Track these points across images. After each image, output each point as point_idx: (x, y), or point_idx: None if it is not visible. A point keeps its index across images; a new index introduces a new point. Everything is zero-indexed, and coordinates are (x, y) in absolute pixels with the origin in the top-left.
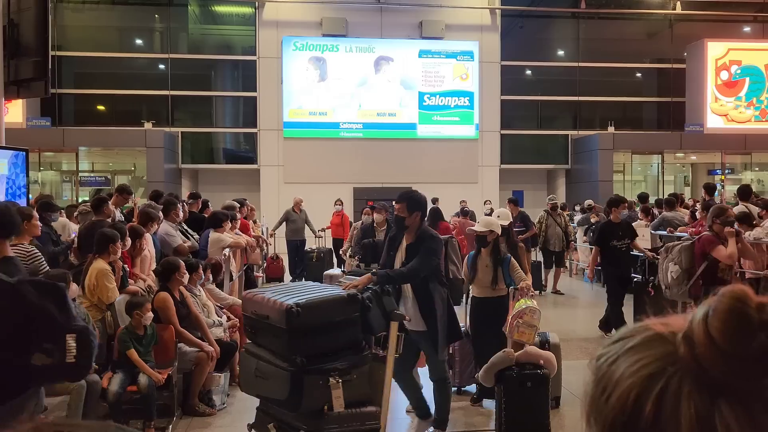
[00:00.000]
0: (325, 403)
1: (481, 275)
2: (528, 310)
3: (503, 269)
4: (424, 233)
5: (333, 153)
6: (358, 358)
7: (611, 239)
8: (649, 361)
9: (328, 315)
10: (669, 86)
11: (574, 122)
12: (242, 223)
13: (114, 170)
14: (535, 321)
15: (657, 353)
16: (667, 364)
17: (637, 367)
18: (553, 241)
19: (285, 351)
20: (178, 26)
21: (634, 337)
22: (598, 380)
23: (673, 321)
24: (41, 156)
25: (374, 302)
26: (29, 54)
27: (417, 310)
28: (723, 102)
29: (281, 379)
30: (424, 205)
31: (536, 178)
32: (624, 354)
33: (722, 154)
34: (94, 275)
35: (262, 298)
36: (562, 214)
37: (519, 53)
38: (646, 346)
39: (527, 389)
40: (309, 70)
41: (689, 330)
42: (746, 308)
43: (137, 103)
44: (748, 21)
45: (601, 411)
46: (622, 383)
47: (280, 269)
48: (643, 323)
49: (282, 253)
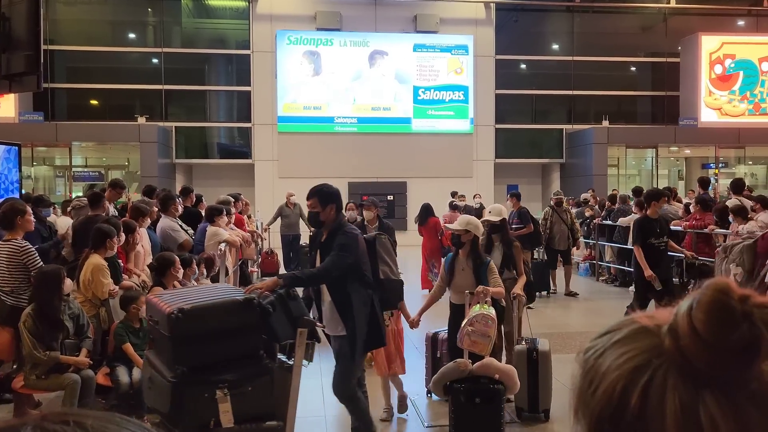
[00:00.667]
0: (211, 419)
1: (458, 279)
2: (480, 317)
3: (482, 274)
4: (336, 229)
5: (327, 147)
6: (255, 368)
7: (649, 236)
8: (635, 353)
9: (218, 321)
10: (663, 80)
11: (568, 116)
12: (237, 217)
13: (107, 165)
14: (489, 330)
15: (643, 346)
16: (653, 357)
17: (623, 360)
18: (558, 238)
19: (168, 360)
20: (171, 20)
21: (620, 330)
22: (585, 373)
23: (658, 314)
24: (34, 151)
25: (278, 307)
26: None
27: (335, 312)
28: (717, 96)
29: (163, 391)
30: (337, 197)
31: (531, 173)
32: (610, 347)
33: (716, 147)
34: (89, 270)
35: (157, 301)
36: (567, 210)
37: (513, 47)
38: (632, 338)
39: (477, 405)
40: (303, 64)
41: (674, 323)
42: (729, 300)
43: (130, 98)
44: (742, 15)
45: (588, 404)
46: (608, 376)
47: (275, 264)
48: (630, 317)
49: (277, 248)
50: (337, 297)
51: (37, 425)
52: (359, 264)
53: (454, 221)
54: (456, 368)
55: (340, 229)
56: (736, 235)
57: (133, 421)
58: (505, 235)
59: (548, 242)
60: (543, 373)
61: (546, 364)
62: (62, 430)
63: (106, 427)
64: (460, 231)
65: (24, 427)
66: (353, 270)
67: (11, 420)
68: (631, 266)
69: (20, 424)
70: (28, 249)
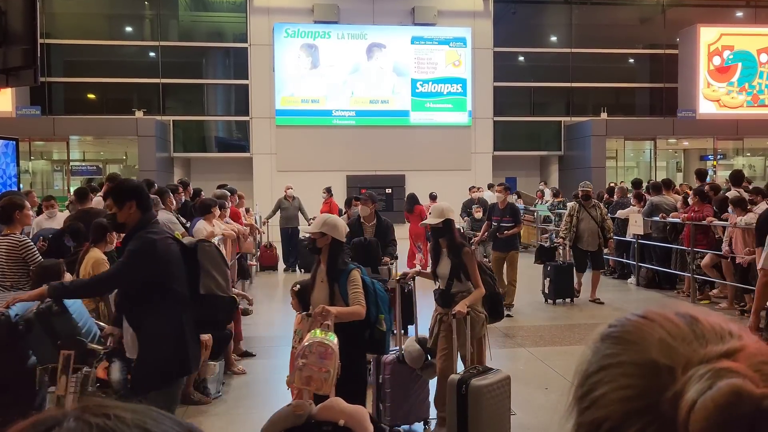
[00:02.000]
0: None
1: (317, 293)
2: (316, 345)
3: (341, 286)
4: (134, 231)
5: (326, 141)
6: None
7: None
8: (633, 394)
9: None
10: (661, 72)
11: (566, 108)
12: (233, 211)
13: (105, 159)
14: (328, 363)
15: (643, 389)
16: (649, 408)
17: (620, 396)
18: (586, 237)
19: None
20: (168, 13)
21: (632, 348)
22: (584, 378)
23: (675, 327)
24: (31, 145)
25: (36, 324)
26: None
27: (130, 331)
28: (715, 87)
29: None
30: (138, 192)
31: (529, 165)
32: (616, 366)
33: (714, 139)
34: (89, 264)
35: None
36: (598, 205)
37: (512, 39)
38: (637, 370)
39: None
40: (301, 57)
41: (677, 395)
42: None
43: (128, 92)
44: (741, 6)
45: (578, 414)
46: (600, 404)
47: (274, 258)
48: (646, 322)
49: (276, 241)
50: (132, 314)
51: (79, 417)
52: (163, 275)
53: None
54: (290, 413)
55: (138, 231)
56: (735, 227)
57: (168, 416)
58: (452, 239)
59: (575, 242)
60: (473, 414)
61: (477, 403)
62: (104, 423)
63: (144, 422)
64: (316, 234)
65: (66, 419)
66: (154, 282)
67: (52, 410)
68: (629, 258)
69: (62, 415)
70: (27, 243)
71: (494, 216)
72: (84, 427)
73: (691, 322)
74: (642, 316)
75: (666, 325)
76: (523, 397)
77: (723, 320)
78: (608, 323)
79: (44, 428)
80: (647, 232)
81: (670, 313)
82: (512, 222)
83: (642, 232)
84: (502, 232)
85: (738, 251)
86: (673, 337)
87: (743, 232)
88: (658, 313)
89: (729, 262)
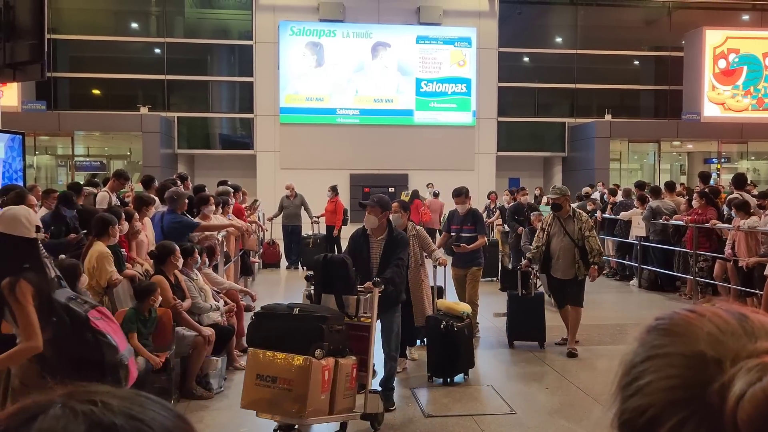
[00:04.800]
0: None
1: None
2: None
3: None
4: None
5: (329, 139)
6: None
7: None
8: (679, 384)
9: None
10: (666, 74)
11: (571, 110)
12: (236, 207)
13: (110, 155)
14: None
15: (689, 379)
16: (694, 398)
17: (665, 386)
18: (557, 260)
19: None
20: (174, 10)
21: (681, 338)
22: (630, 367)
23: (725, 322)
24: (36, 140)
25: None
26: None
27: None
28: (720, 90)
29: None
30: None
31: (533, 166)
32: (663, 356)
33: (719, 142)
34: (94, 258)
35: None
36: (579, 216)
37: (517, 40)
38: (684, 361)
39: None
40: (306, 55)
41: (724, 386)
42: None
43: (133, 88)
44: (747, 9)
45: (622, 401)
46: (645, 392)
47: (277, 255)
48: (695, 316)
49: (279, 238)
50: None
51: (66, 404)
52: None
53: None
54: None
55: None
56: (738, 230)
57: (157, 401)
58: None
59: (545, 266)
60: None
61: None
62: (90, 410)
63: (131, 408)
64: None
65: (53, 405)
66: None
67: (37, 396)
68: (631, 260)
69: (48, 401)
70: None
71: (453, 225)
72: (70, 415)
73: (741, 319)
74: (691, 311)
75: (715, 320)
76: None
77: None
78: (655, 316)
79: (29, 416)
80: (646, 236)
81: (720, 309)
82: (473, 231)
83: (645, 233)
84: (459, 244)
85: (741, 254)
86: (722, 331)
87: (746, 235)
88: (708, 308)
89: (732, 265)
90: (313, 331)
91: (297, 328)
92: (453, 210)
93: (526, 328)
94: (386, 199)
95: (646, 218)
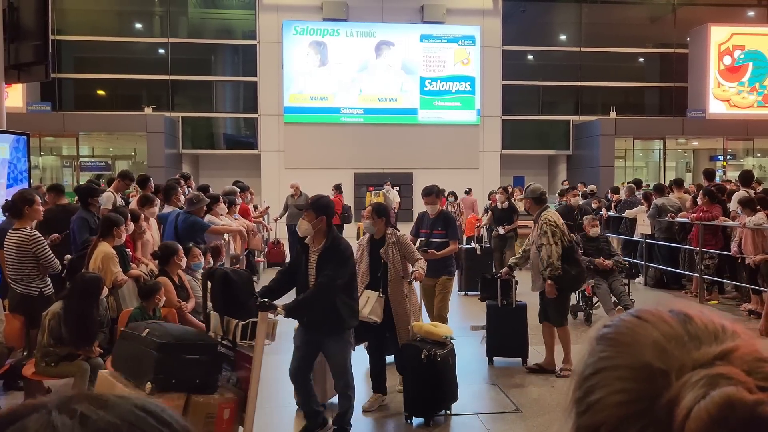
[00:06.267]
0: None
1: None
2: None
3: None
4: None
5: (334, 138)
6: None
7: None
8: (627, 399)
9: None
10: (671, 71)
11: (575, 107)
12: (242, 207)
13: (114, 155)
14: None
15: (638, 392)
16: (644, 413)
17: (616, 401)
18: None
19: None
20: (177, 10)
21: (626, 350)
22: (581, 380)
23: (669, 327)
24: (41, 141)
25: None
26: (29, 38)
27: None
28: (725, 87)
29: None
30: None
31: (537, 164)
32: (612, 369)
33: (724, 139)
34: (99, 258)
35: None
36: (547, 222)
37: (521, 38)
38: (632, 374)
39: None
40: (310, 54)
41: (672, 401)
42: (729, 427)
43: (137, 88)
44: (752, 5)
45: (576, 416)
46: (596, 410)
47: (282, 254)
48: (639, 323)
49: (284, 238)
50: None
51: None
52: None
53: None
54: None
55: None
56: (744, 227)
57: (149, 402)
58: None
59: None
60: None
61: None
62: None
63: (107, 420)
64: None
65: (40, 410)
66: None
67: (32, 400)
68: (636, 258)
69: (36, 407)
70: (38, 238)
71: (422, 228)
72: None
73: (685, 321)
74: (636, 316)
75: (660, 326)
76: None
77: (717, 316)
78: (603, 323)
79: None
80: (651, 234)
81: (664, 312)
82: (444, 236)
83: (650, 231)
84: (427, 250)
85: (747, 252)
86: (666, 338)
87: (753, 233)
88: (651, 313)
89: (739, 262)
90: (147, 358)
91: (136, 354)
92: (422, 212)
93: (508, 343)
94: (324, 201)
95: (651, 216)
